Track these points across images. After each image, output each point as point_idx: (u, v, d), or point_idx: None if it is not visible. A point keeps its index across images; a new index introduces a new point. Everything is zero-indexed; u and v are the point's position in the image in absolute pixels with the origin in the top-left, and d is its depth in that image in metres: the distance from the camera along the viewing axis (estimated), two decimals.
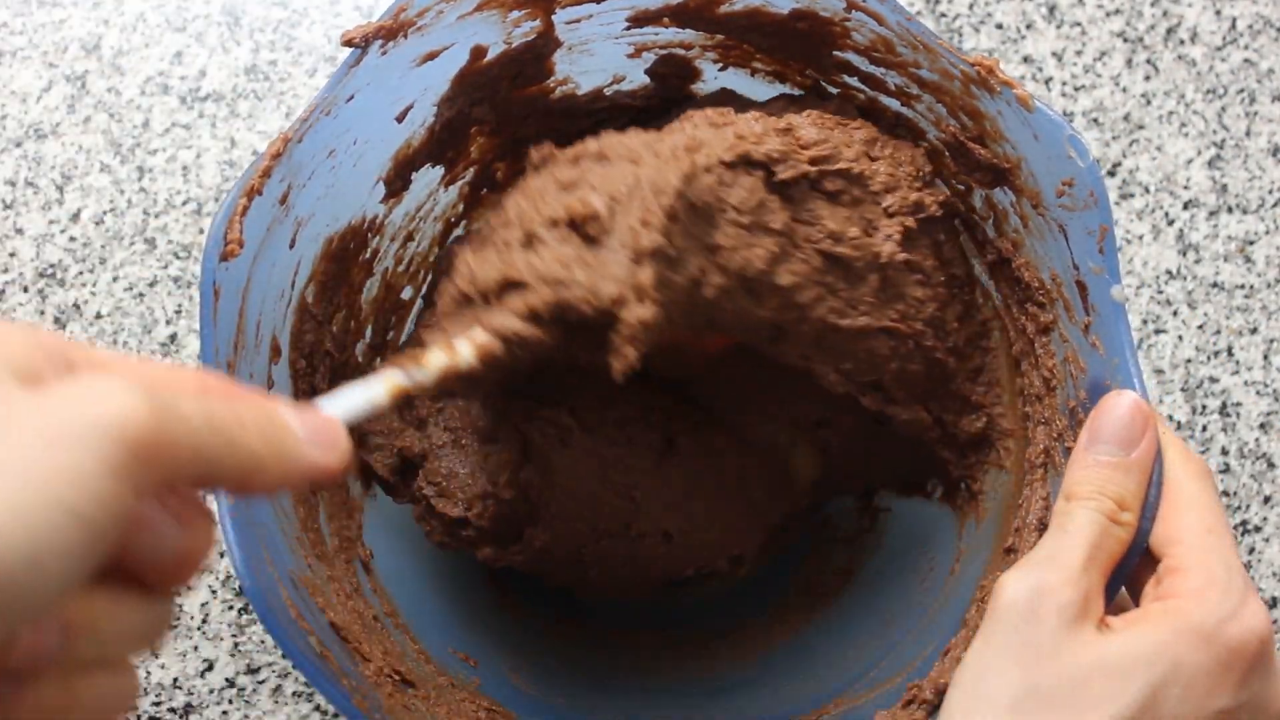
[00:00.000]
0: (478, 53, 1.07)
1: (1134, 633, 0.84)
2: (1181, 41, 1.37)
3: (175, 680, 1.21)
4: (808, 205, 1.03)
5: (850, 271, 1.04)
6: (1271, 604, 1.28)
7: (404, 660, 1.06)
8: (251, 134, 1.33)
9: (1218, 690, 0.83)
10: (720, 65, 1.16)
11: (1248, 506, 1.29)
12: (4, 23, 1.34)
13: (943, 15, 1.37)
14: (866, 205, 1.04)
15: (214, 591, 1.22)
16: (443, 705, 1.05)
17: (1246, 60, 1.37)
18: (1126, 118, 1.35)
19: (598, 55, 1.14)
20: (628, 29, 1.11)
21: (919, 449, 1.14)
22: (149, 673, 1.21)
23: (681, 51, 1.14)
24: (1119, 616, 0.86)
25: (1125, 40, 1.37)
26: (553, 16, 1.08)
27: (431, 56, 1.04)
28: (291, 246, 1.03)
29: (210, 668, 1.21)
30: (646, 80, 1.17)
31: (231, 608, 1.22)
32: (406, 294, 1.21)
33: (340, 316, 1.13)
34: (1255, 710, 0.85)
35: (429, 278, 1.21)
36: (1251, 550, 1.28)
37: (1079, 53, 1.37)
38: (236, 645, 1.21)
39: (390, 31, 0.99)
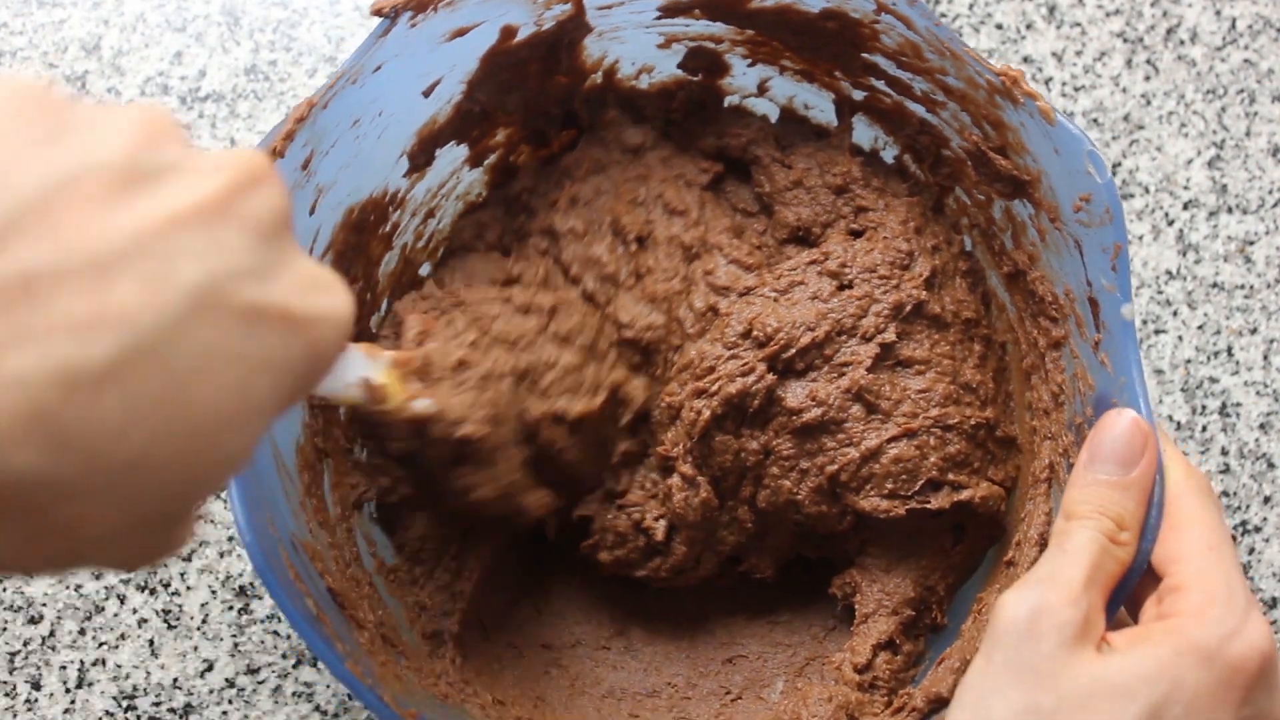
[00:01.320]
0: (507, 32, 1.06)
1: (1135, 652, 0.84)
2: (1181, 42, 1.37)
3: (175, 680, 1.20)
4: (769, 428, 1.12)
5: (821, 428, 1.11)
6: (1271, 604, 1.28)
7: (398, 631, 1.07)
8: (251, 134, 1.32)
9: (1220, 709, 0.83)
10: (749, 61, 1.16)
11: (1248, 506, 1.29)
12: (4, 23, 1.33)
13: (943, 15, 1.37)
14: (827, 368, 1.12)
15: (214, 592, 1.22)
16: (431, 677, 1.06)
17: (1246, 60, 1.38)
18: (1126, 118, 1.36)
19: (629, 43, 1.14)
20: (659, 18, 1.12)
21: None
22: (149, 673, 1.20)
23: (711, 45, 1.15)
24: (1120, 634, 0.86)
25: (1125, 40, 1.37)
26: (584, 1, 1.08)
27: (461, 33, 1.03)
28: (311, 213, 1.02)
29: (210, 668, 1.21)
30: (677, 72, 1.18)
31: (231, 608, 1.22)
32: (425, 270, 1.20)
33: (357, 288, 1.13)
34: None
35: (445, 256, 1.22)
36: (1251, 550, 1.29)
37: (1079, 53, 1.37)
38: (236, 645, 1.21)
39: (420, 4, 0.98)
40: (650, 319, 1.14)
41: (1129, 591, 0.90)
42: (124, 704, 1.20)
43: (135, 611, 1.21)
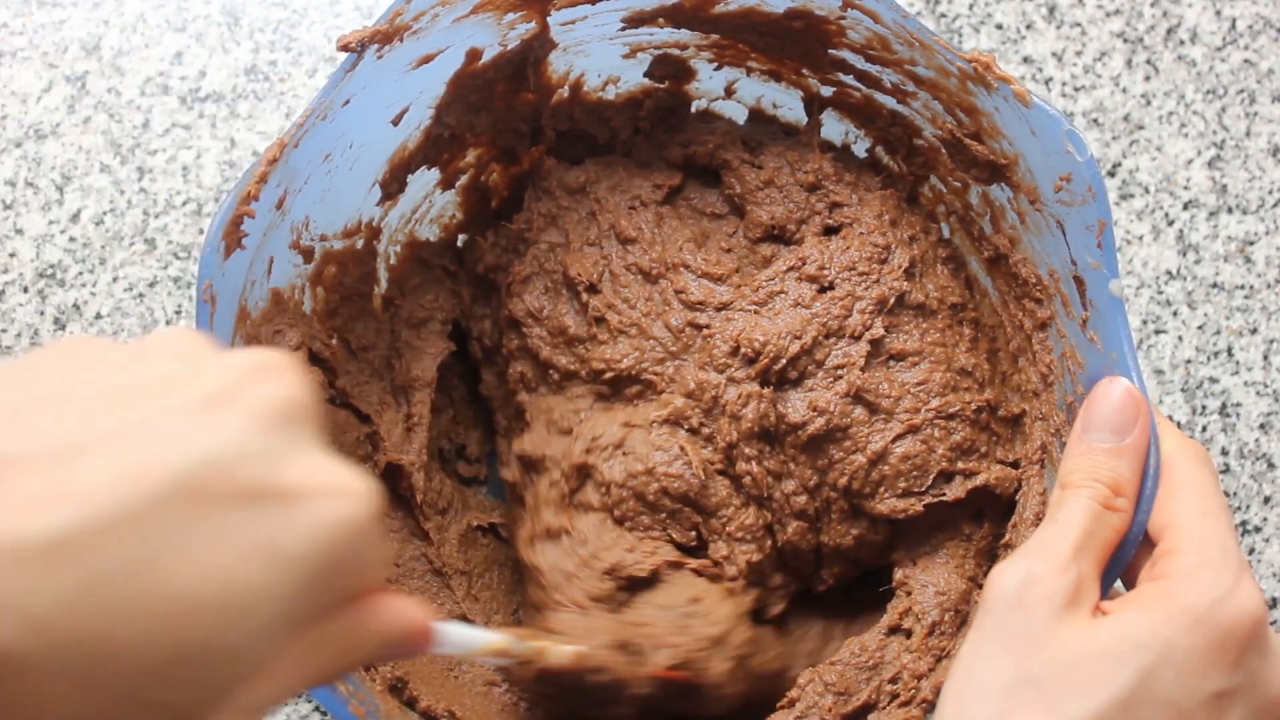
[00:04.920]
0: (473, 55, 1.07)
1: (1126, 616, 0.84)
2: (1181, 42, 1.37)
3: None
4: (781, 449, 1.12)
5: (827, 437, 1.11)
6: (1272, 604, 1.27)
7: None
8: (251, 134, 1.33)
9: (1212, 672, 0.83)
10: (716, 65, 1.16)
11: (1248, 506, 1.29)
12: (4, 23, 1.34)
13: (943, 15, 1.36)
14: (821, 374, 1.12)
15: None
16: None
17: (1246, 60, 1.37)
18: (1126, 118, 1.35)
19: (594, 56, 1.14)
20: (623, 29, 1.12)
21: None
22: None
23: (677, 52, 1.15)
24: (1113, 600, 0.87)
25: (1125, 40, 1.37)
26: (548, 18, 1.08)
27: (427, 60, 1.04)
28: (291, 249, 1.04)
29: None
30: (643, 80, 1.18)
31: None
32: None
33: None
34: (1253, 691, 0.85)
35: None
36: (1251, 550, 1.28)
37: (1079, 53, 1.37)
38: None
39: (386, 36, 0.99)
40: (622, 349, 1.13)
41: (1127, 559, 0.91)
42: None
43: None
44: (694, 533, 1.11)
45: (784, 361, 1.09)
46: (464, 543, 1.17)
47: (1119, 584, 0.93)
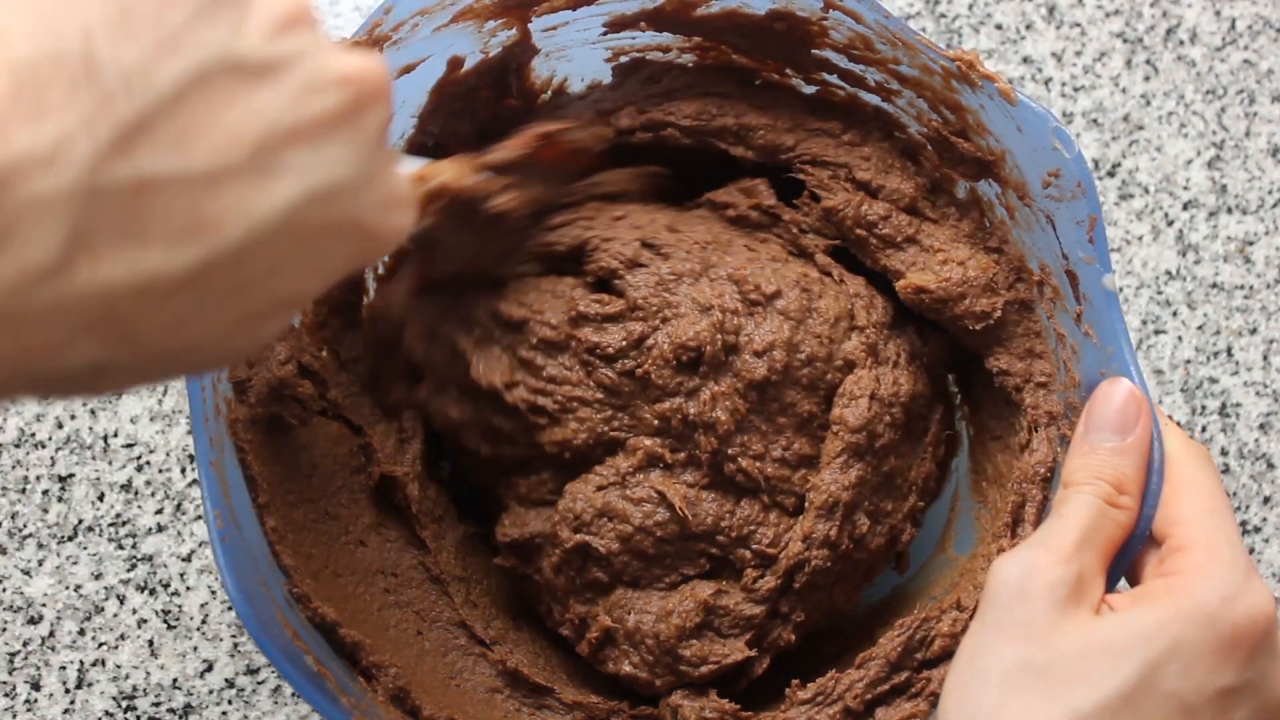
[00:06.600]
0: (455, 63, 1.07)
1: (1134, 611, 0.84)
2: (1181, 42, 1.37)
3: (175, 681, 1.21)
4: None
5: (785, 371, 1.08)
6: None
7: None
8: None
9: (1221, 669, 0.83)
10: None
11: (1247, 507, 1.28)
12: None
13: (942, 16, 1.36)
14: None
15: (214, 592, 1.22)
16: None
17: (1246, 61, 1.37)
18: (1126, 118, 1.35)
19: (576, 61, 1.14)
20: (605, 34, 1.12)
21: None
22: (148, 673, 1.21)
23: (659, 55, 1.14)
24: (1119, 596, 0.87)
25: (1125, 41, 1.37)
26: (529, 25, 1.08)
27: (408, 69, 1.05)
28: None
29: (210, 668, 1.22)
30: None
31: (231, 608, 1.22)
32: None
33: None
34: (1260, 690, 0.85)
35: None
36: (1251, 550, 1.28)
37: (1079, 53, 1.36)
38: (236, 646, 1.22)
39: (365, 47, 0.99)
40: (572, 428, 1.09)
41: (1133, 555, 0.91)
42: (124, 704, 1.21)
43: (135, 612, 1.22)
44: (703, 559, 1.09)
45: (728, 333, 1.06)
46: (461, 550, 1.16)
47: (1123, 580, 0.93)
